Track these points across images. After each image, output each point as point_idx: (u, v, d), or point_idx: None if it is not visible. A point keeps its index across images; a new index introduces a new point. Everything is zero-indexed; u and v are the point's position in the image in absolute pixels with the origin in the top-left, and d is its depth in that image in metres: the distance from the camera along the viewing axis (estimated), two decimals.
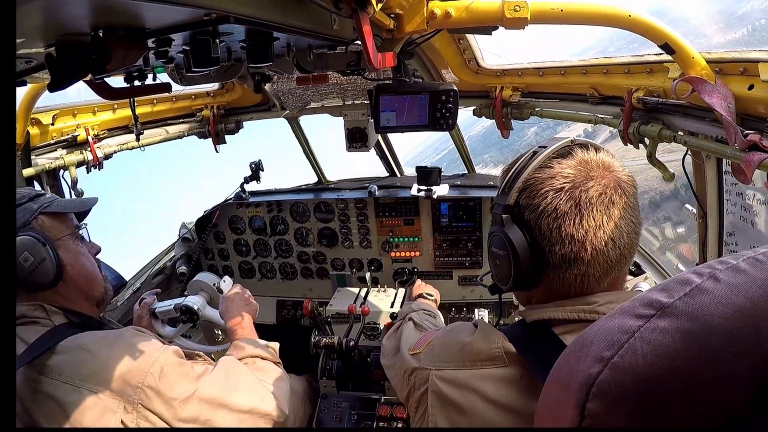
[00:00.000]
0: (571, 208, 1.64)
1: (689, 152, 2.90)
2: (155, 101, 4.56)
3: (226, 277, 3.91)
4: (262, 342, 3.09)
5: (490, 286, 2.17)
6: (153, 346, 2.35)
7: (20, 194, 2.43)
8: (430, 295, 4.27)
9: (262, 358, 2.95)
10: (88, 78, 1.81)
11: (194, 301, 3.70)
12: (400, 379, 2.27)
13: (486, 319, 4.15)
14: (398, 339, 2.66)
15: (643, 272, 4.04)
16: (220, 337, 4.34)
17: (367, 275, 5.15)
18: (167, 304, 3.68)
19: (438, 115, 3.08)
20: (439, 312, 3.75)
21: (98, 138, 4.04)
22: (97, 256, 2.72)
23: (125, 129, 4.33)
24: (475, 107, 4.53)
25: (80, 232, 2.61)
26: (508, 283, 1.84)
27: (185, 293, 3.96)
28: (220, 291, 3.75)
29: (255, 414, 2.55)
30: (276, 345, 3.13)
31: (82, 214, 2.70)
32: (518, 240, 1.74)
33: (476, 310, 4.51)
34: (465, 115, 4.38)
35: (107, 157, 4.11)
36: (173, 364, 2.34)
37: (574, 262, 1.68)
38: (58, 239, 2.43)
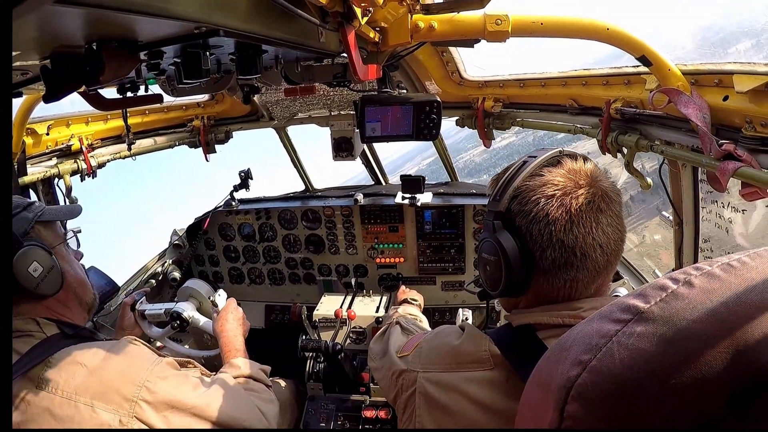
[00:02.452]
0: (562, 214, 1.66)
1: (666, 161, 2.92)
2: (147, 112, 4.56)
3: (221, 291, 3.90)
4: (255, 364, 3.09)
5: (479, 293, 2.19)
6: (147, 359, 2.33)
7: (14, 204, 2.38)
8: (415, 300, 4.28)
9: (255, 380, 2.96)
10: (82, 89, 1.80)
11: (184, 307, 3.68)
12: (388, 381, 2.27)
13: (470, 319, 4.17)
14: (386, 342, 2.65)
15: (621, 278, 4.06)
16: (209, 341, 4.33)
17: (353, 281, 5.15)
18: (158, 308, 3.67)
19: (422, 125, 3.08)
20: (424, 317, 3.76)
21: (92, 147, 4.03)
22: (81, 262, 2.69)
23: (118, 138, 4.33)
24: (457, 118, 4.56)
25: (71, 239, 2.59)
26: (498, 288, 1.83)
27: (175, 299, 3.94)
28: (215, 305, 3.74)
29: None
30: (267, 368, 3.14)
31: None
32: (510, 245, 1.74)
33: (460, 310, 4.50)
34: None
35: (100, 165, 4.11)
36: (168, 376, 2.33)
37: (564, 266, 1.69)
38: (53, 247, 2.40)
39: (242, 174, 5.28)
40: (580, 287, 1.73)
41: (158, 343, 3.80)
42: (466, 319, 4.18)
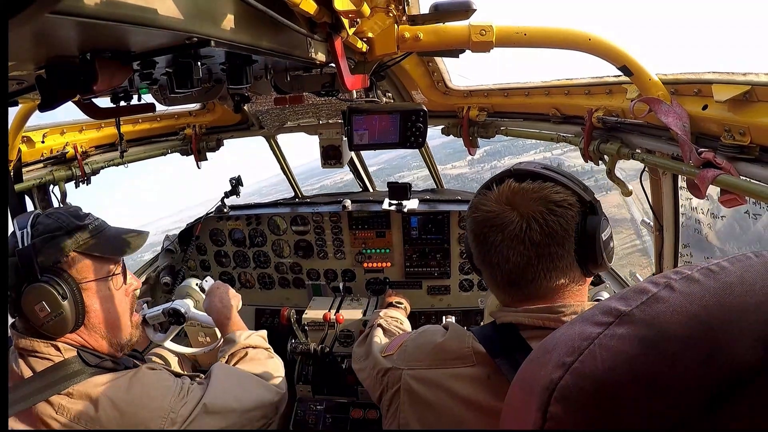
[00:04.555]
0: (475, 230, 1.88)
1: (647, 168, 2.94)
2: (139, 120, 4.53)
3: (208, 277, 3.90)
4: (251, 332, 3.09)
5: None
6: (169, 387, 2.32)
7: (58, 223, 2.16)
8: (401, 304, 4.30)
9: (254, 347, 2.97)
10: (76, 98, 1.80)
11: (180, 304, 3.70)
12: (372, 380, 2.28)
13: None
14: (369, 344, 2.67)
15: (603, 282, 4.07)
16: (207, 339, 4.32)
17: (341, 285, 5.16)
18: (156, 310, 3.68)
19: (408, 133, 3.08)
20: (406, 319, 3.77)
21: (86, 154, 4.03)
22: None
23: (111, 146, 4.31)
24: (443, 126, 4.56)
25: (116, 275, 2.35)
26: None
27: (173, 298, 3.95)
28: (203, 290, 3.75)
29: (260, 407, 2.59)
30: (264, 332, 3.15)
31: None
32: (466, 244, 2.07)
33: (444, 317, 4.52)
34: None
35: (94, 172, 4.10)
36: (189, 399, 2.33)
37: (486, 269, 1.92)
38: (88, 281, 2.21)
39: (233, 181, 5.28)
40: (502, 287, 1.91)
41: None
42: (452, 320, 4.21)
